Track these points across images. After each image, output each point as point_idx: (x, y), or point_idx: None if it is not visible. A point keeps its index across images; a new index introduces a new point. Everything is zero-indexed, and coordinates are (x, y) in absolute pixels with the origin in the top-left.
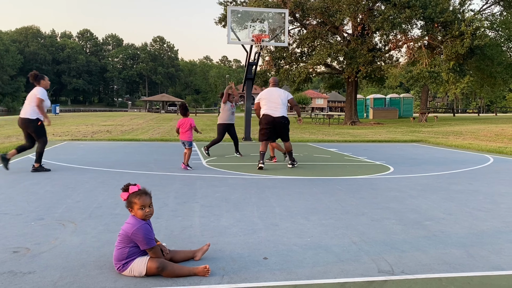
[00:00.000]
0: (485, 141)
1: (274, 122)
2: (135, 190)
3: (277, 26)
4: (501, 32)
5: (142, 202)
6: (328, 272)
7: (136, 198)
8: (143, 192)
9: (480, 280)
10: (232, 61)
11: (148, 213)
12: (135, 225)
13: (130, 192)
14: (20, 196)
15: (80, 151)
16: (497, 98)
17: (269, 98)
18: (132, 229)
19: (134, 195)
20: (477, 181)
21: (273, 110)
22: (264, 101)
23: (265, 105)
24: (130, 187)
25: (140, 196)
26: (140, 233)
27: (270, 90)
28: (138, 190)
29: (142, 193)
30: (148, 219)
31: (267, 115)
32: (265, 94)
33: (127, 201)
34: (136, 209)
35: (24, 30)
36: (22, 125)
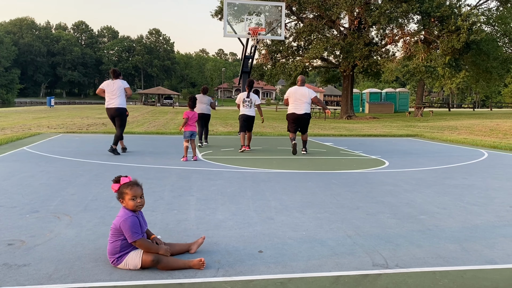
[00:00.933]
0: (480, 136)
1: (298, 118)
2: (126, 181)
3: (273, 19)
4: (497, 27)
5: (133, 192)
6: (322, 265)
7: (127, 188)
8: (135, 183)
9: (473, 274)
10: (228, 54)
11: (139, 204)
12: (122, 216)
13: (121, 183)
14: (14, 188)
15: (75, 144)
16: (492, 93)
17: (295, 96)
18: (120, 220)
19: (125, 186)
20: (471, 176)
21: (297, 108)
22: (291, 99)
23: (292, 103)
24: (122, 178)
25: (132, 187)
26: (126, 224)
27: (297, 89)
28: (130, 181)
29: (133, 184)
30: (139, 210)
31: (293, 113)
32: (292, 93)
33: (118, 192)
34: (128, 200)
35: (18, 22)
36: (115, 113)
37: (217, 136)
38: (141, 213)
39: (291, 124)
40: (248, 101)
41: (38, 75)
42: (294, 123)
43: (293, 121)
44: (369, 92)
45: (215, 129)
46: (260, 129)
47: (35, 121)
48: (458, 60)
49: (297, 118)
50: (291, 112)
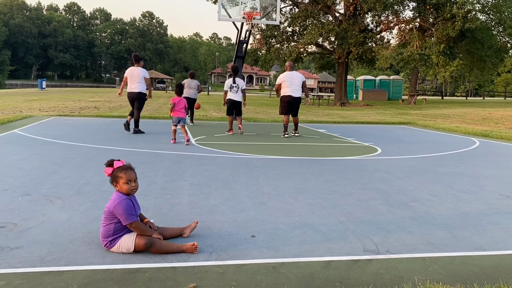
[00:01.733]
0: (472, 125)
1: (295, 101)
2: (120, 165)
3: (268, 3)
4: (492, 15)
5: (128, 176)
6: (314, 250)
7: (121, 172)
8: (128, 166)
9: (462, 260)
10: (222, 39)
11: (134, 188)
12: (116, 200)
13: (115, 167)
14: (6, 171)
15: (67, 127)
16: (485, 82)
17: (292, 81)
18: (114, 203)
19: (120, 170)
20: (462, 164)
21: (294, 91)
22: (287, 83)
23: (288, 87)
24: (115, 162)
25: (126, 171)
26: (121, 207)
27: (291, 74)
28: (123, 165)
29: (127, 168)
30: (133, 194)
31: (290, 95)
32: (287, 77)
33: (112, 176)
34: (122, 184)
35: (9, 2)
36: (135, 97)
37: (211, 121)
38: (134, 196)
39: (286, 106)
40: (235, 86)
41: (29, 57)
42: (290, 105)
43: (289, 104)
44: (363, 79)
45: (209, 114)
46: (254, 115)
47: (27, 103)
48: (453, 48)
49: (294, 100)
50: (288, 95)
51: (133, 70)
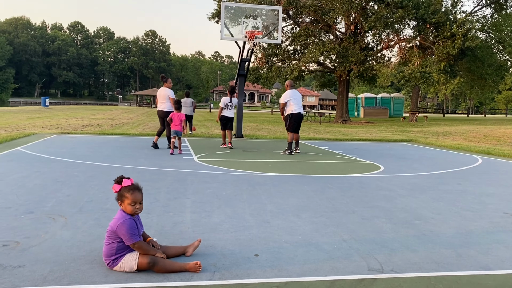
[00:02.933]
0: (474, 142)
1: (301, 118)
2: (128, 184)
3: (270, 23)
4: (491, 34)
5: (133, 198)
6: (318, 269)
7: (128, 192)
8: (136, 187)
9: (468, 280)
10: (224, 57)
11: (138, 210)
12: (119, 219)
13: (123, 185)
14: (9, 189)
15: (70, 145)
16: (486, 100)
17: (297, 98)
18: (117, 223)
19: (127, 190)
20: (465, 182)
21: (300, 109)
22: (294, 101)
23: (295, 104)
24: (124, 180)
25: (133, 192)
26: (124, 227)
27: (294, 92)
28: (132, 184)
29: (135, 189)
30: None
31: (298, 113)
32: (293, 95)
33: (119, 193)
34: (127, 204)
35: (13, 21)
36: (163, 115)
37: (213, 138)
38: (138, 216)
39: (295, 124)
40: (230, 105)
41: (32, 75)
42: (298, 122)
43: (298, 121)
44: (364, 96)
45: (210, 131)
46: (256, 132)
47: (30, 121)
48: (453, 66)
49: (301, 117)
50: (297, 112)
51: (160, 91)
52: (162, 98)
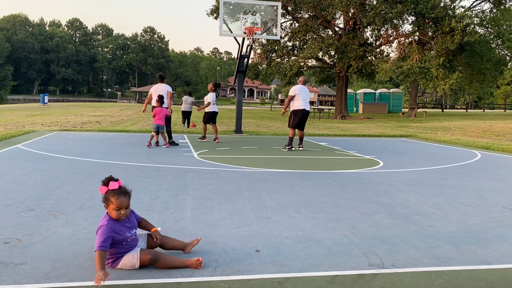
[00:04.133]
0: (473, 137)
1: (306, 114)
2: (114, 187)
3: (269, 19)
4: (490, 29)
5: (118, 203)
6: (319, 265)
7: (113, 197)
8: (122, 192)
9: (468, 274)
10: (223, 53)
11: (123, 215)
12: (100, 224)
13: (110, 188)
14: (9, 186)
15: (70, 142)
16: (485, 95)
17: (305, 94)
18: (98, 227)
19: (113, 194)
20: (465, 177)
21: (307, 105)
22: (301, 96)
23: (302, 100)
24: (111, 183)
25: (118, 197)
26: (99, 233)
27: (304, 88)
28: (118, 188)
29: (120, 193)
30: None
31: (304, 109)
32: (301, 91)
33: (104, 196)
34: (111, 209)
35: (12, 18)
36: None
37: (212, 135)
38: (132, 211)
39: (299, 120)
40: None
41: (31, 72)
42: (302, 119)
43: (302, 118)
44: (363, 92)
45: (210, 128)
46: (255, 129)
47: (29, 118)
48: (452, 61)
49: (306, 114)
50: (302, 108)
51: (159, 86)
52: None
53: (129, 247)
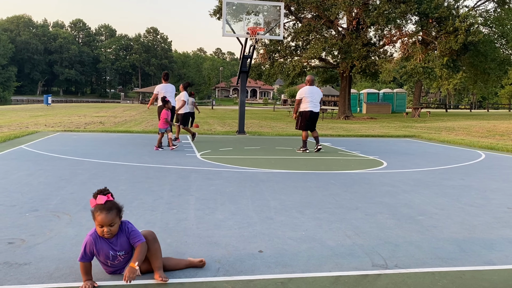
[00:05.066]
0: (477, 137)
1: (315, 116)
2: (100, 202)
3: (272, 19)
4: (494, 28)
5: (99, 220)
6: (322, 265)
7: (97, 212)
8: (107, 208)
9: (472, 275)
10: (226, 54)
11: (106, 233)
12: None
13: (97, 203)
14: (13, 187)
15: (73, 142)
16: (489, 94)
17: (313, 96)
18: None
19: (96, 209)
20: (469, 177)
21: (315, 107)
22: (308, 98)
23: (309, 102)
24: (98, 197)
25: (100, 213)
26: (84, 243)
27: (312, 89)
28: (102, 204)
29: (103, 209)
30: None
31: (311, 111)
32: (309, 92)
33: (92, 212)
34: (96, 224)
35: (15, 19)
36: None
37: (215, 135)
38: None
39: (307, 122)
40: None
41: (35, 73)
42: (310, 121)
43: (310, 119)
44: (366, 92)
45: (213, 128)
46: (258, 129)
47: (32, 119)
48: (456, 61)
49: (315, 116)
50: (309, 110)
51: (167, 87)
52: (171, 93)
53: (114, 268)
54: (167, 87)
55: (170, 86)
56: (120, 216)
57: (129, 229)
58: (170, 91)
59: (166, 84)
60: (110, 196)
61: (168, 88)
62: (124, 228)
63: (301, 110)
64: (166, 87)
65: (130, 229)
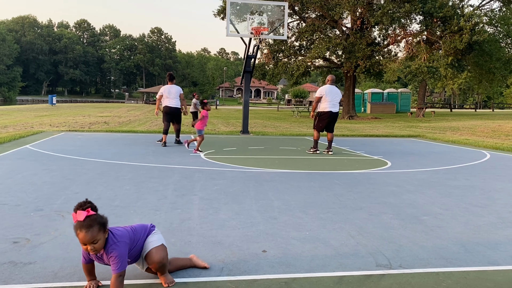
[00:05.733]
0: (482, 137)
1: (334, 116)
2: (79, 219)
3: (276, 19)
4: (499, 28)
5: (80, 239)
6: (326, 265)
7: (77, 230)
8: (86, 226)
9: (476, 275)
10: (230, 54)
11: (90, 251)
12: None
13: (77, 219)
14: (18, 187)
15: (78, 142)
16: (494, 94)
17: (332, 95)
18: None
19: (77, 226)
20: (473, 177)
21: (334, 107)
22: (328, 97)
23: (329, 102)
24: (78, 212)
25: (80, 231)
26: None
27: (332, 88)
28: (81, 221)
29: (82, 227)
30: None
31: (330, 111)
32: (329, 92)
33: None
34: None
35: (20, 20)
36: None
37: (219, 135)
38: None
39: (325, 122)
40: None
41: (40, 73)
42: (329, 121)
43: (329, 120)
44: (371, 92)
45: (217, 128)
46: (262, 129)
47: (37, 119)
48: (461, 60)
49: (334, 116)
50: (328, 111)
51: (170, 87)
52: (175, 94)
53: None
54: (170, 89)
55: (174, 87)
56: (104, 230)
57: (109, 253)
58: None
59: (170, 86)
60: (91, 209)
61: (172, 89)
62: (107, 248)
63: (320, 110)
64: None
65: (110, 253)
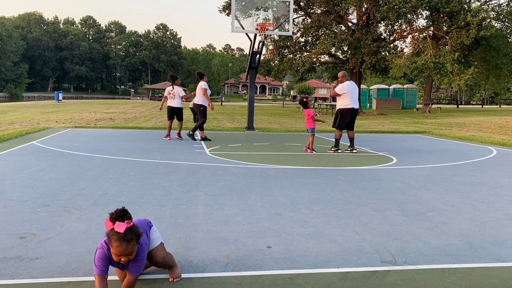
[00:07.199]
0: (488, 133)
1: (355, 113)
2: (118, 231)
3: (281, 14)
4: (507, 23)
5: (118, 252)
6: (331, 261)
7: (115, 242)
8: (127, 239)
9: (482, 272)
10: (235, 50)
11: (123, 262)
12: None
13: (116, 230)
14: (25, 182)
15: (83, 138)
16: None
17: (353, 92)
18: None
19: (115, 237)
20: (480, 173)
21: (355, 103)
22: (349, 94)
23: (350, 99)
24: (117, 223)
25: (120, 244)
26: (96, 254)
27: (353, 84)
28: (121, 233)
29: (122, 241)
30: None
31: (353, 108)
32: (350, 89)
33: (107, 234)
34: (112, 251)
35: (27, 16)
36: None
37: (224, 131)
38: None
39: (348, 119)
40: (172, 93)
41: (46, 69)
42: (350, 119)
43: (351, 117)
44: (376, 88)
45: (222, 125)
46: (267, 125)
47: (44, 115)
48: (467, 56)
49: (355, 113)
50: (350, 107)
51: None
52: (176, 95)
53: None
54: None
55: (176, 88)
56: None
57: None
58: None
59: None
60: (130, 221)
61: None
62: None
63: (342, 107)
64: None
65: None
